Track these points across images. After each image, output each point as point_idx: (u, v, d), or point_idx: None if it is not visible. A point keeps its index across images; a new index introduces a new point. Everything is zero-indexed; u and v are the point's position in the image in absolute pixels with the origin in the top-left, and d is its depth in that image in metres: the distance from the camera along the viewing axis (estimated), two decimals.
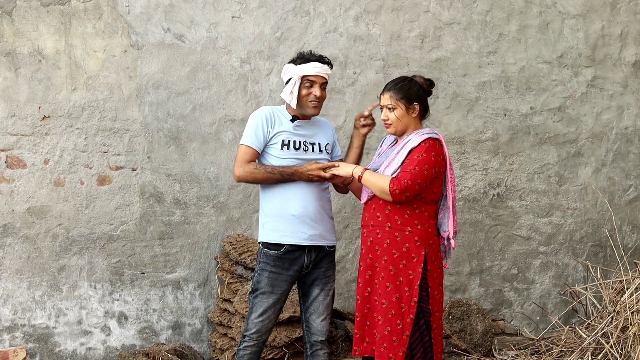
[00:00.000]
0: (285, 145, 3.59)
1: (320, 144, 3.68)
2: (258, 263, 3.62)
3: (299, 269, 3.60)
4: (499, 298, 5.28)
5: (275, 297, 3.57)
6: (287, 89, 3.59)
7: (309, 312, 3.66)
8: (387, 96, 3.56)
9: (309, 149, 3.64)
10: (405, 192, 3.39)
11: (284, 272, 3.57)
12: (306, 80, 3.57)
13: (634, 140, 5.46)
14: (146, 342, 4.67)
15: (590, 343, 4.38)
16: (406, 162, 3.45)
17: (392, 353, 3.43)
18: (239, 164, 3.56)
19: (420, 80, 3.57)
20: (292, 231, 3.56)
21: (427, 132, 3.53)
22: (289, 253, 3.57)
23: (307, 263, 3.60)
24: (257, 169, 3.54)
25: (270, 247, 3.58)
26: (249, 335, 3.58)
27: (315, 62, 3.58)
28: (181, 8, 4.68)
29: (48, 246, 4.52)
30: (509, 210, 5.25)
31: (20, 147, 4.47)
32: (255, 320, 3.57)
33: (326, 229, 3.66)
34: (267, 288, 3.56)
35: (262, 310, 3.57)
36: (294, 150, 3.60)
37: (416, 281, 3.44)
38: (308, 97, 3.59)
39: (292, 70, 3.58)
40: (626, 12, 5.40)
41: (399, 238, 3.47)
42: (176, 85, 4.68)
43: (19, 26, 4.45)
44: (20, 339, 4.49)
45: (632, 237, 5.48)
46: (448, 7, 5.09)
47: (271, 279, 3.56)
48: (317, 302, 3.65)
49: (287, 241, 3.56)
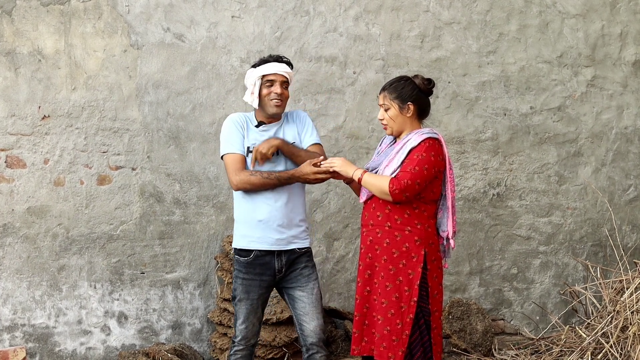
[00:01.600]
0: (250, 152, 3.58)
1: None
2: (234, 270, 3.64)
3: (271, 274, 3.60)
4: (499, 298, 5.28)
5: (250, 302, 3.58)
6: (248, 91, 3.62)
7: (298, 315, 3.63)
8: (381, 96, 3.57)
9: (277, 156, 3.60)
10: (405, 191, 3.39)
11: (257, 278, 3.58)
12: (266, 80, 3.59)
13: (633, 140, 5.46)
14: (146, 342, 4.67)
15: (590, 343, 4.38)
16: (406, 161, 3.45)
17: (392, 352, 3.43)
18: (233, 173, 3.55)
19: (418, 80, 3.56)
20: (259, 237, 3.56)
21: (426, 131, 3.52)
22: (259, 258, 3.57)
23: (279, 267, 3.60)
24: (253, 175, 3.52)
25: (241, 253, 3.59)
26: (237, 342, 3.62)
27: (274, 62, 3.60)
28: (181, 8, 4.68)
29: (48, 246, 4.52)
30: (508, 210, 5.25)
31: (20, 146, 4.47)
32: (240, 327, 3.60)
33: (295, 233, 3.63)
34: (242, 295, 3.58)
35: (243, 316, 3.59)
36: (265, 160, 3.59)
37: (416, 281, 3.44)
38: (269, 95, 3.59)
39: (253, 74, 3.61)
40: (626, 12, 5.40)
41: (399, 237, 3.47)
42: (176, 85, 4.68)
43: (18, 26, 4.45)
44: (20, 339, 4.49)
45: (631, 237, 5.48)
46: (448, 6, 5.09)
47: (245, 285, 3.58)
48: (303, 303, 3.62)
49: (255, 247, 3.56)
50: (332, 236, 4.94)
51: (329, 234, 4.93)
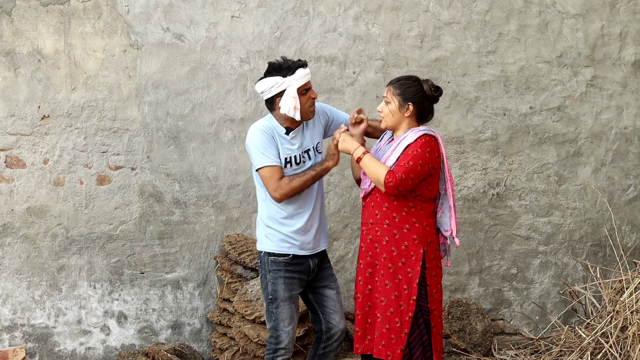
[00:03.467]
0: (288, 162, 3.56)
1: (312, 149, 3.65)
2: (267, 273, 3.59)
3: (307, 273, 3.65)
4: (499, 298, 5.28)
5: (293, 301, 3.61)
6: (288, 103, 3.46)
7: (328, 313, 3.69)
8: (387, 88, 3.59)
9: (305, 159, 3.62)
10: (399, 186, 3.38)
11: (297, 276, 3.61)
12: (303, 90, 3.51)
13: (633, 140, 5.46)
14: (146, 342, 4.67)
15: (590, 343, 4.38)
16: (401, 156, 3.46)
17: (390, 350, 3.44)
18: (275, 185, 3.47)
19: (427, 85, 3.57)
20: (299, 243, 3.59)
21: (423, 129, 3.54)
22: (297, 258, 3.61)
23: (313, 267, 3.66)
24: (292, 180, 3.50)
25: (278, 254, 3.59)
26: (285, 347, 3.56)
27: (301, 69, 3.50)
28: (180, 8, 4.68)
29: (47, 246, 4.52)
30: (508, 210, 5.25)
31: (19, 146, 4.47)
32: (286, 329, 3.56)
33: (325, 234, 3.75)
34: (286, 294, 3.57)
35: (289, 317, 3.57)
36: (296, 166, 3.59)
37: (415, 279, 3.45)
38: (307, 102, 3.54)
39: (284, 83, 3.47)
40: (625, 12, 5.40)
41: (398, 236, 3.48)
42: (175, 85, 4.68)
43: (18, 26, 4.45)
44: (20, 339, 4.49)
45: (631, 237, 5.48)
46: (447, 6, 5.09)
47: (287, 284, 3.58)
48: (333, 301, 3.70)
49: (295, 252, 3.59)
50: (331, 236, 4.94)
51: (328, 233, 4.93)
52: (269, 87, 3.50)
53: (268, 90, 3.51)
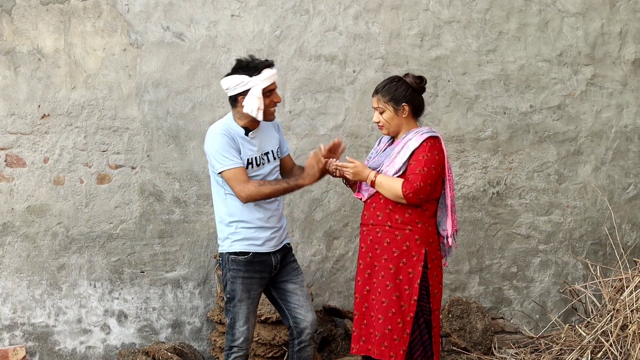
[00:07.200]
0: (250, 164, 3.53)
1: (271, 152, 3.63)
2: (227, 272, 3.59)
3: (269, 271, 3.63)
4: (499, 296, 5.28)
5: (251, 301, 3.59)
6: (252, 103, 3.42)
7: (293, 308, 3.66)
8: (375, 99, 3.56)
9: (264, 161, 3.60)
10: (419, 194, 3.40)
11: (257, 276, 3.59)
12: (267, 91, 3.48)
13: (633, 139, 5.46)
14: (146, 341, 4.67)
15: (590, 341, 4.38)
16: (412, 163, 3.44)
17: (393, 351, 3.44)
18: (240, 186, 3.45)
19: (410, 79, 3.55)
20: (262, 241, 3.57)
21: (425, 130, 3.53)
22: (258, 256, 3.58)
23: (275, 264, 3.63)
24: (263, 186, 3.48)
25: (239, 253, 3.57)
26: (238, 345, 3.59)
27: (267, 70, 3.46)
28: (180, 6, 4.68)
29: (48, 245, 4.52)
30: (508, 208, 5.25)
31: (19, 145, 4.47)
32: (241, 328, 3.58)
33: (285, 230, 3.72)
34: (243, 294, 3.57)
35: (245, 317, 3.58)
36: (256, 167, 3.57)
37: (416, 279, 3.45)
38: (270, 105, 3.52)
39: (249, 82, 3.43)
40: (625, 10, 5.39)
41: (399, 237, 3.48)
42: (176, 84, 4.68)
43: (18, 25, 4.44)
44: (20, 338, 4.49)
45: (631, 236, 5.48)
46: (447, 5, 5.08)
47: (245, 284, 3.57)
48: (297, 295, 3.66)
49: (257, 250, 3.57)
50: (331, 235, 4.94)
51: (328, 232, 4.94)
52: (234, 85, 3.48)
53: (233, 88, 3.49)
